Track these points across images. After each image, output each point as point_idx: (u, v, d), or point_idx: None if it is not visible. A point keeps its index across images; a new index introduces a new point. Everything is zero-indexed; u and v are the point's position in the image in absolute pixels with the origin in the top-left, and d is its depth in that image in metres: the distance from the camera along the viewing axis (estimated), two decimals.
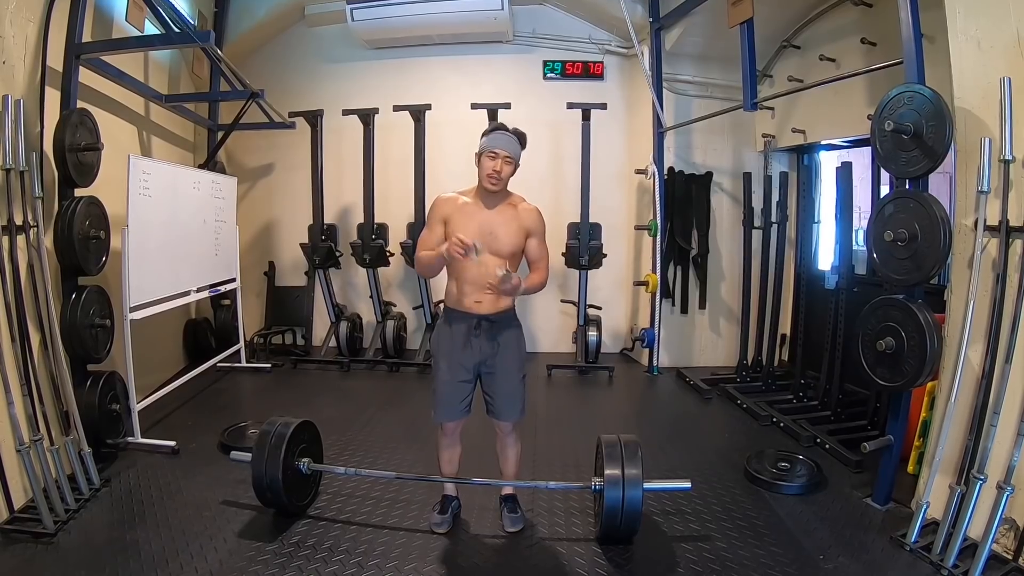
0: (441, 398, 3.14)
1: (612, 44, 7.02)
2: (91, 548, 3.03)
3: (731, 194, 6.60)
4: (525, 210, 3.05)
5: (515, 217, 3.01)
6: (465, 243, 2.70)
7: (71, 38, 3.95)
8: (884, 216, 3.26)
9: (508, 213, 3.01)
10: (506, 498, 3.40)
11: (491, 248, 2.93)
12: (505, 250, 2.97)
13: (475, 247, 2.72)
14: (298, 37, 7.33)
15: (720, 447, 4.51)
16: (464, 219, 2.97)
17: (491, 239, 2.94)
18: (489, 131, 3.01)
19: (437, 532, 3.25)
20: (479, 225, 2.94)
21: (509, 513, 3.34)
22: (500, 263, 2.87)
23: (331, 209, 7.09)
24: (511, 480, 3.36)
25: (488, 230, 2.95)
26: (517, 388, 3.17)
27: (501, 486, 3.42)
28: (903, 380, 3.20)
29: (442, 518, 3.30)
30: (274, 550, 3.05)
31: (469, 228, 2.90)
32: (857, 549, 3.10)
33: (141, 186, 4.36)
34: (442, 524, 3.28)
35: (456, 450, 3.33)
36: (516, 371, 3.17)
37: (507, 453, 3.32)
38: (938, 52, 3.24)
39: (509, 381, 3.14)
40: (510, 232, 2.99)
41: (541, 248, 3.09)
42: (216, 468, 3.95)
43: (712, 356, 6.78)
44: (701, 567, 2.96)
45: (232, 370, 6.29)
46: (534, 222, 3.05)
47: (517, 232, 3.01)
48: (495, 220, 2.98)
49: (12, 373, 3.22)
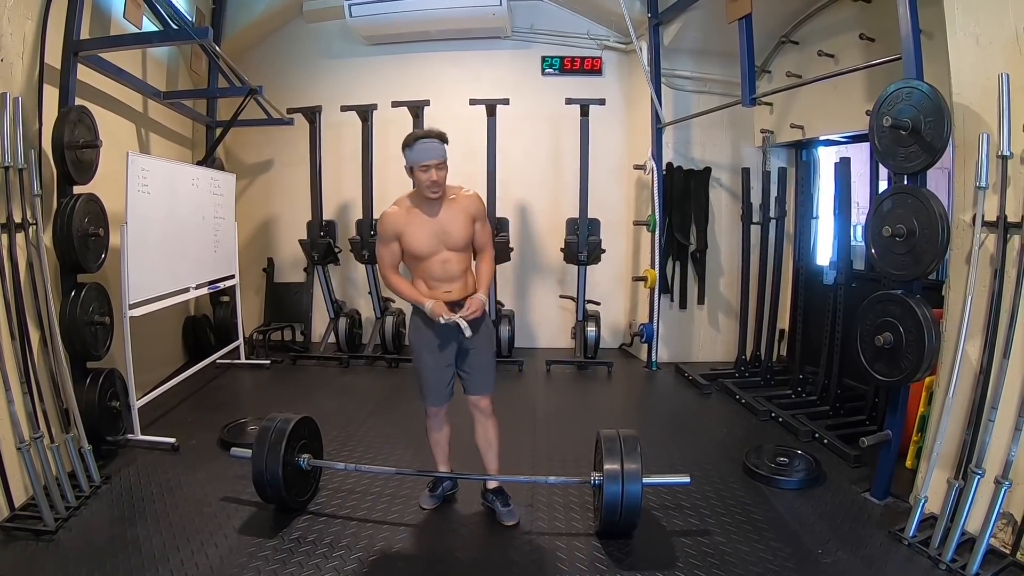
0: (430, 385, 3.31)
1: (610, 40, 7.01)
2: (92, 545, 3.04)
3: (730, 189, 6.59)
4: (465, 198, 3.19)
5: (461, 210, 3.15)
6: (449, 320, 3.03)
7: (69, 35, 3.94)
8: (882, 211, 3.27)
9: (454, 208, 3.14)
10: (496, 492, 3.42)
11: (447, 246, 3.14)
12: (461, 243, 3.16)
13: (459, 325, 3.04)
14: (296, 33, 7.32)
15: (719, 442, 4.52)
16: (416, 230, 3.11)
17: (446, 238, 3.12)
18: (411, 143, 3.03)
19: (423, 507, 3.43)
20: (432, 232, 3.11)
21: (503, 507, 3.36)
22: (459, 257, 3.17)
23: (330, 205, 7.08)
24: (494, 471, 3.43)
25: (440, 232, 3.12)
26: (491, 362, 3.40)
27: (492, 480, 3.44)
28: (901, 375, 3.21)
29: (432, 494, 3.48)
30: (274, 546, 3.07)
31: (423, 236, 3.10)
32: (855, 543, 3.12)
33: (140, 183, 4.36)
34: (429, 500, 3.47)
35: (445, 430, 3.46)
36: (488, 347, 3.40)
37: (490, 438, 3.40)
38: (937, 48, 3.24)
39: (483, 356, 3.33)
40: (460, 226, 3.14)
41: (484, 231, 3.27)
42: (216, 464, 3.96)
43: (711, 351, 6.78)
44: (700, 561, 2.97)
45: (231, 367, 6.30)
46: (476, 207, 3.21)
47: (465, 223, 3.16)
48: (444, 220, 3.12)
49: (12, 371, 3.22)
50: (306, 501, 3.49)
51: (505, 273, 7.05)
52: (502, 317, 6.65)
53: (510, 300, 7.20)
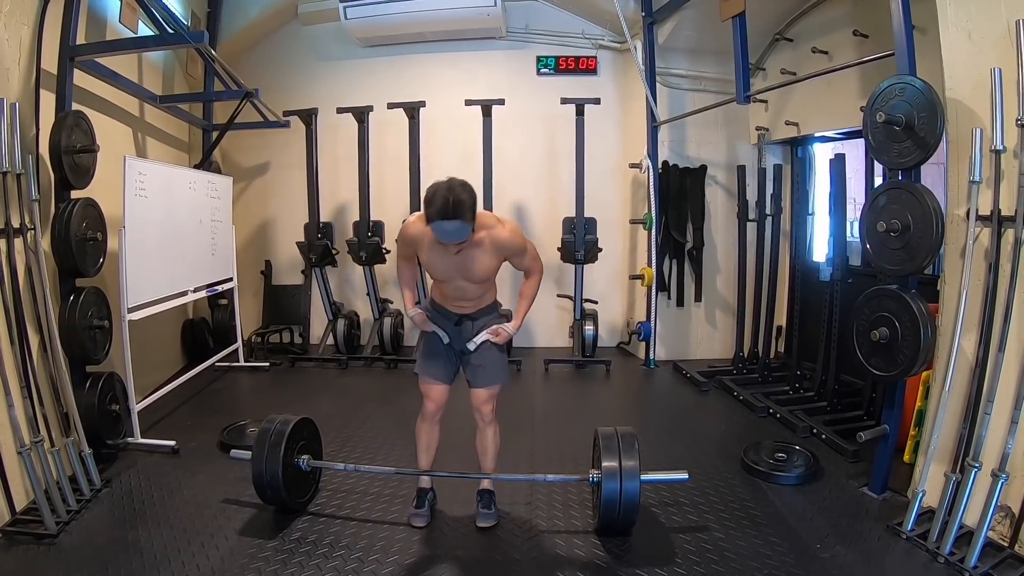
0: (427, 352, 3.25)
1: (605, 39, 7.03)
2: (93, 548, 3.04)
3: (725, 187, 6.62)
4: (497, 238, 2.95)
5: (487, 249, 2.96)
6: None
7: (65, 40, 3.94)
8: (877, 207, 3.29)
9: (480, 247, 2.94)
10: (484, 492, 3.40)
11: (464, 277, 3.03)
12: (481, 277, 3.04)
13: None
14: (292, 35, 7.32)
15: (717, 438, 4.55)
16: (434, 256, 2.98)
17: (464, 272, 3.01)
18: (432, 217, 2.64)
19: (416, 526, 3.29)
20: (449, 264, 2.98)
21: (483, 509, 3.34)
22: (478, 286, 3.08)
23: (327, 207, 7.07)
24: (489, 472, 3.36)
25: (459, 267, 2.99)
26: (501, 356, 3.28)
27: (485, 479, 3.39)
28: (897, 369, 3.23)
29: (420, 511, 3.34)
30: (275, 547, 3.08)
31: (439, 264, 3.00)
32: (854, 538, 3.14)
33: (137, 187, 4.36)
34: (419, 518, 3.32)
35: (435, 433, 3.35)
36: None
37: (486, 445, 3.31)
38: (929, 43, 3.25)
39: (492, 349, 3.24)
40: (484, 263, 2.99)
41: (526, 261, 3.13)
42: (216, 467, 3.97)
43: (708, 349, 6.81)
44: (699, 557, 2.99)
45: (230, 369, 6.30)
46: (511, 246, 3.01)
47: (491, 260, 3.00)
48: (467, 257, 2.95)
49: (12, 375, 3.22)
50: (306, 502, 3.50)
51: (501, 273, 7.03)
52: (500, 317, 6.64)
53: (507, 300, 7.20)
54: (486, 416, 3.26)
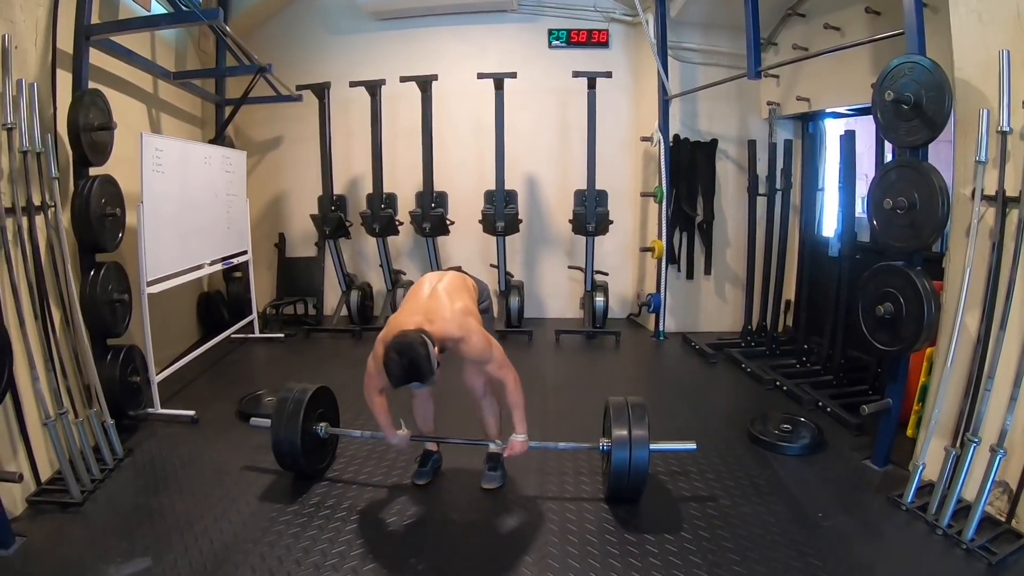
0: None
1: (617, 12, 6.98)
2: (118, 515, 3.16)
3: (736, 161, 6.61)
4: (465, 351, 2.97)
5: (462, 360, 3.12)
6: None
7: (80, 20, 3.98)
8: (884, 184, 3.31)
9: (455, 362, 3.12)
10: (492, 455, 3.50)
11: None
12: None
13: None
14: (304, 9, 7.29)
15: (724, 410, 4.63)
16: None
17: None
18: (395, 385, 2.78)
19: (418, 483, 3.46)
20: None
21: (489, 471, 3.47)
22: None
23: (340, 180, 7.12)
24: (494, 436, 3.41)
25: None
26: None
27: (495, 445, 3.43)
28: (901, 344, 3.28)
29: (423, 471, 3.51)
30: (295, 511, 3.19)
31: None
32: (855, 508, 3.22)
33: (154, 163, 4.43)
34: (421, 476, 3.49)
35: (429, 406, 3.48)
36: None
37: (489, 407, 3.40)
38: (940, 23, 3.23)
39: None
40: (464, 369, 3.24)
41: (495, 369, 3.04)
42: (234, 435, 4.09)
43: (717, 321, 6.85)
44: (705, 523, 3.08)
45: (246, 341, 6.40)
46: (479, 359, 3.02)
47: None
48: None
49: (36, 349, 3.30)
50: (324, 468, 3.61)
51: (514, 245, 7.13)
52: (512, 288, 6.74)
53: (519, 271, 7.27)
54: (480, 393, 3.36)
